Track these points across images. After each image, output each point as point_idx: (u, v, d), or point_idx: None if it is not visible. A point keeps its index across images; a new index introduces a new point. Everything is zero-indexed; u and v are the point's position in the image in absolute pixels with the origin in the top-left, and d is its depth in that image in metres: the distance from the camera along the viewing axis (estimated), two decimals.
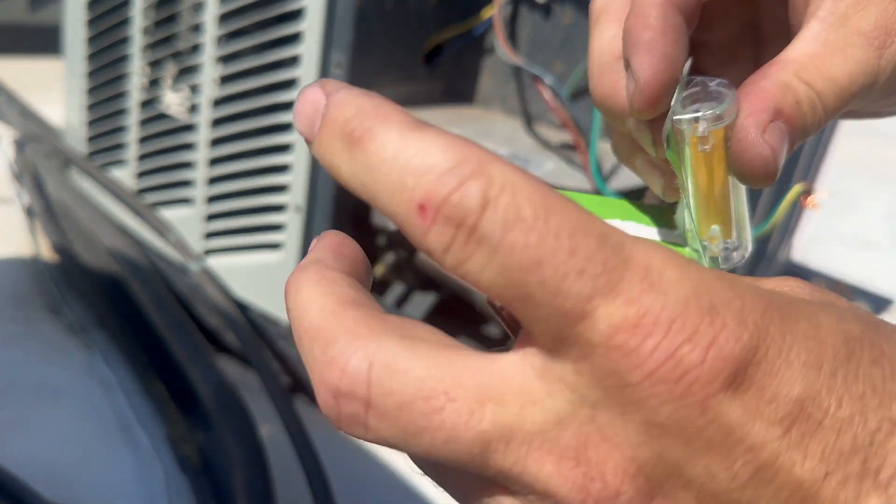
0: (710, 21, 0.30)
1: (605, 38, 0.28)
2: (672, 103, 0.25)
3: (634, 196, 0.58)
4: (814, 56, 0.25)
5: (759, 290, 0.18)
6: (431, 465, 0.20)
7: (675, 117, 0.25)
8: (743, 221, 0.26)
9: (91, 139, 1.05)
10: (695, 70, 0.26)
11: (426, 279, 0.82)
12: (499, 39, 0.71)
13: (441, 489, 0.20)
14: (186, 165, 0.90)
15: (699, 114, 0.25)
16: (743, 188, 0.26)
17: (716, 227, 0.25)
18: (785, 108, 0.24)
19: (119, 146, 1.01)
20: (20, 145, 1.18)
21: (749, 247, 0.26)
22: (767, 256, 1.01)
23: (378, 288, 0.86)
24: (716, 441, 0.16)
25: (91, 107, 1.04)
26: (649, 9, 0.26)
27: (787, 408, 0.17)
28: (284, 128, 0.78)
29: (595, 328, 0.16)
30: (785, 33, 0.29)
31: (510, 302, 0.17)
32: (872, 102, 0.27)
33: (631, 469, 0.17)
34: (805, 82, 0.25)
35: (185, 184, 0.91)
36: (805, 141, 0.26)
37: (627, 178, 0.64)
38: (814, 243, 1.54)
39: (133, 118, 0.96)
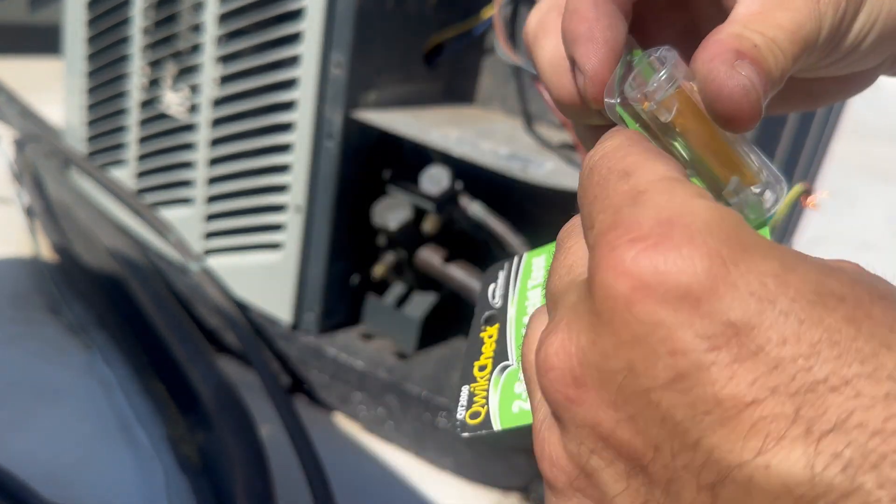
0: (644, 28, 0.30)
1: (549, 48, 0.29)
2: (613, 88, 0.25)
3: None
4: (757, 13, 0.25)
5: (738, 227, 0.19)
6: None
7: (626, 98, 0.25)
8: (757, 162, 0.24)
9: (91, 139, 1.05)
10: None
11: (426, 279, 0.82)
12: (499, 39, 0.71)
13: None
14: (186, 165, 0.90)
15: (651, 87, 0.24)
16: (738, 135, 0.25)
17: (734, 179, 0.24)
18: (746, 49, 0.24)
19: (119, 146, 1.01)
20: (20, 145, 1.18)
21: (781, 179, 0.25)
22: None
23: (378, 287, 0.86)
24: (641, 335, 0.18)
25: (91, 107, 1.04)
26: (580, 4, 0.26)
27: (718, 327, 0.17)
28: (284, 127, 0.78)
29: (592, 233, 0.21)
30: None
31: (584, 227, 0.22)
32: (819, 58, 0.27)
33: (568, 349, 0.20)
34: (757, 31, 0.25)
35: (185, 184, 0.91)
36: (775, 90, 0.25)
37: None
38: (814, 243, 1.54)
39: (133, 118, 0.96)
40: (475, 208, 0.73)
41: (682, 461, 0.17)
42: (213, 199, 0.88)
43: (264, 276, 0.85)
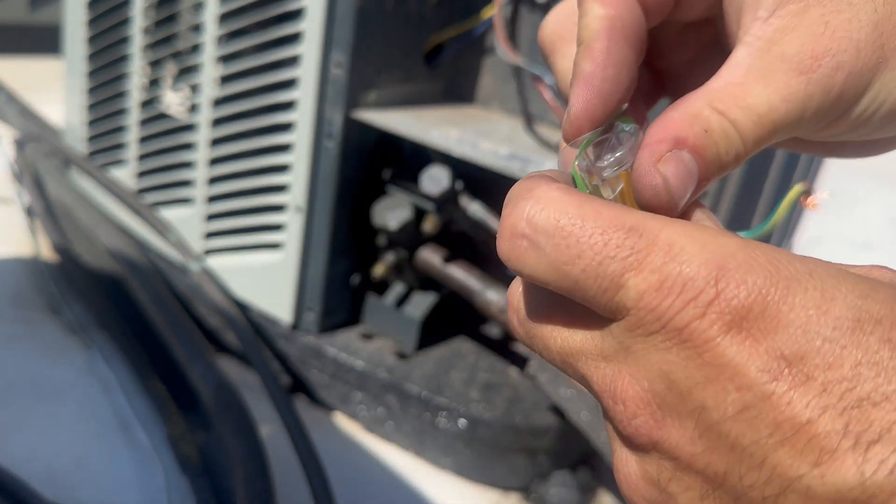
0: (663, 49, 0.30)
1: (569, 56, 0.29)
2: (578, 153, 0.26)
3: None
4: (733, 84, 0.25)
5: (775, 261, 0.21)
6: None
7: (575, 167, 0.26)
8: None
9: (91, 139, 1.06)
10: (655, 92, 0.27)
11: (426, 279, 0.83)
12: (499, 39, 0.71)
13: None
14: (186, 165, 0.90)
15: (601, 164, 0.25)
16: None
17: None
18: (690, 136, 0.24)
19: (119, 146, 1.01)
20: (20, 145, 1.19)
21: None
22: None
23: (378, 287, 0.86)
24: (712, 377, 0.20)
25: (91, 107, 1.04)
26: (595, 41, 0.26)
27: (774, 361, 0.20)
28: (284, 127, 0.78)
29: (628, 294, 0.21)
30: None
31: (566, 291, 0.23)
32: (814, 131, 0.26)
33: (646, 398, 0.22)
34: (718, 111, 0.25)
35: (185, 184, 0.91)
36: (725, 173, 0.25)
37: None
38: (814, 244, 1.54)
39: (133, 118, 0.96)
40: (475, 208, 0.73)
41: (750, 480, 0.20)
42: (213, 198, 0.88)
43: (264, 276, 0.85)
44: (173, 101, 0.96)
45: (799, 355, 0.20)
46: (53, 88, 1.35)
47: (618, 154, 0.25)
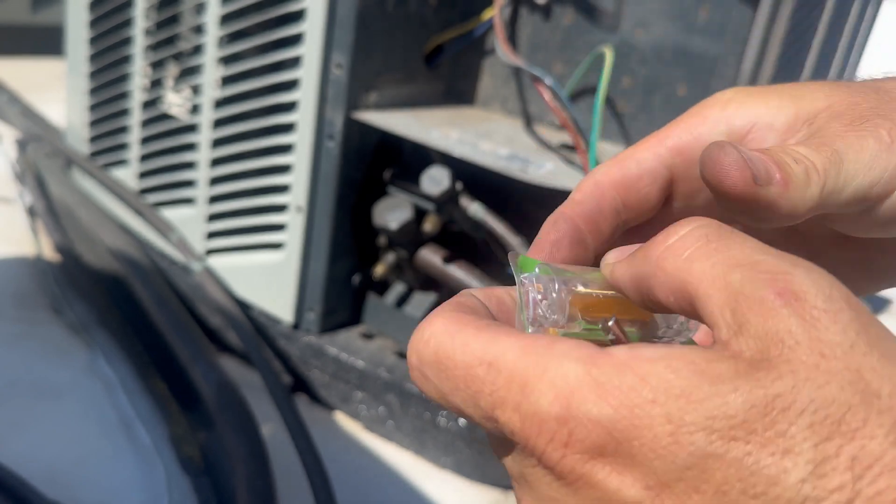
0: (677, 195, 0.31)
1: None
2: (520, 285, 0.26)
3: None
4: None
5: (622, 386, 0.21)
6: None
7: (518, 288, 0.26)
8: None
9: (93, 139, 1.06)
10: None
11: (426, 279, 0.83)
12: (499, 40, 0.71)
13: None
14: (188, 166, 0.90)
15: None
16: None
17: (658, 317, 0.27)
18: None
19: (121, 147, 1.01)
20: (22, 145, 1.19)
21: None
22: None
23: (379, 287, 0.86)
24: (592, 496, 0.21)
25: (93, 107, 1.04)
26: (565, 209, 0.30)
27: (644, 490, 0.20)
28: (286, 128, 0.78)
29: (505, 428, 0.22)
30: None
31: (463, 417, 0.24)
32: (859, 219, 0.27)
33: None
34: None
35: (187, 184, 0.91)
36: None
37: None
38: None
39: (135, 119, 0.97)
40: (475, 208, 0.73)
41: None
42: (214, 199, 0.88)
43: (266, 276, 0.85)
44: (175, 101, 0.96)
45: (665, 483, 0.20)
46: (55, 89, 1.35)
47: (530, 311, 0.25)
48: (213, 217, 0.89)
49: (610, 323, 0.25)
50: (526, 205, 0.86)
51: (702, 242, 0.22)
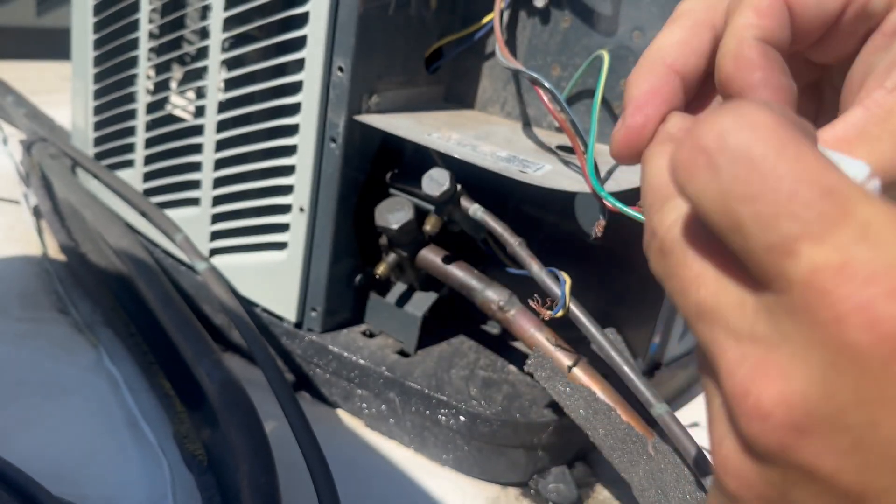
0: None
1: (668, 40, 0.29)
2: None
3: (630, 198, 0.60)
4: (843, 140, 0.25)
5: None
6: None
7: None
8: None
9: (98, 141, 1.06)
10: None
11: (427, 278, 0.83)
12: (498, 44, 0.72)
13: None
14: (193, 167, 0.91)
15: None
16: None
17: None
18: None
19: (126, 148, 1.01)
20: (27, 146, 1.19)
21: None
22: None
23: (380, 287, 0.87)
24: (892, 399, 0.17)
25: (98, 109, 1.05)
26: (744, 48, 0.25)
27: None
28: (289, 130, 0.79)
29: (797, 266, 0.18)
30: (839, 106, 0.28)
31: (723, 230, 0.19)
32: None
33: (791, 402, 0.18)
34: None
35: (192, 185, 0.91)
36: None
37: (623, 180, 0.65)
38: None
39: (140, 120, 0.97)
40: (475, 209, 0.74)
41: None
42: (219, 200, 0.89)
43: (269, 276, 0.86)
44: (179, 103, 0.97)
45: None
46: (60, 91, 1.36)
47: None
48: (218, 217, 0.90)
49: None
50: (525, 205, 0.87)
51: None
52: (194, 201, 0.92)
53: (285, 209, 0.82)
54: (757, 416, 0.19)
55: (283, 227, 0.83)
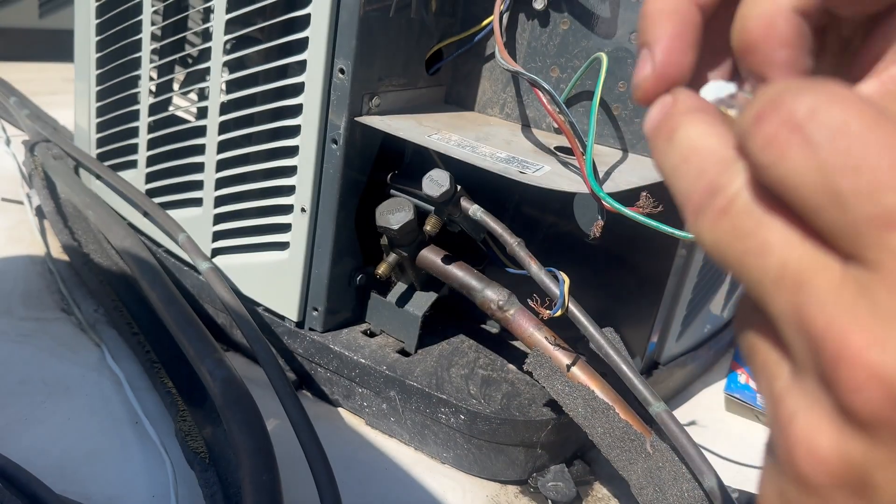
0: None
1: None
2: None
3: (628, 199, 0.60)
4: None
5: None
6: None
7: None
8: None
9: (100, 142, 1.07)
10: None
11: (428, 278, 0.84)
12: (498, 46, 0.72)
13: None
14: (195, 168, 0.91)
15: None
16: None
17: None
18: None
19: (128, 149, 1.02)
20: (30, 147, 1.20)
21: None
22: None
23: (381, 286, 0.87)
24: None
25: (100, 110, 1.05)
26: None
27: None
28: (291, 132, 0.79)
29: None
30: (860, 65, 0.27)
31: (820, 204, 0.19)
32: None
33: (891, 372, 0.17)
34: None
35: (194, 185, 0.92)
36: None
37: (621, 181, 0.66)
38: None
39: (142, 122, 0.98)
40: (475, 210, 0.74)
41: None
42: (221, 200, 0.89)
43: (271, 276, 0.86)
44: (182, 104, 0.98)
45: None
46: (62, 92, 1.36)
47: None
48: (220, 218, 0.90)
49: None
50: (524, 206, 0.87)
51: None
52: (197, 202, 0.92)
53: (287, 209, 0.82)
54: (855, 384, 0.18)
55: (285, 228, 0.83)
